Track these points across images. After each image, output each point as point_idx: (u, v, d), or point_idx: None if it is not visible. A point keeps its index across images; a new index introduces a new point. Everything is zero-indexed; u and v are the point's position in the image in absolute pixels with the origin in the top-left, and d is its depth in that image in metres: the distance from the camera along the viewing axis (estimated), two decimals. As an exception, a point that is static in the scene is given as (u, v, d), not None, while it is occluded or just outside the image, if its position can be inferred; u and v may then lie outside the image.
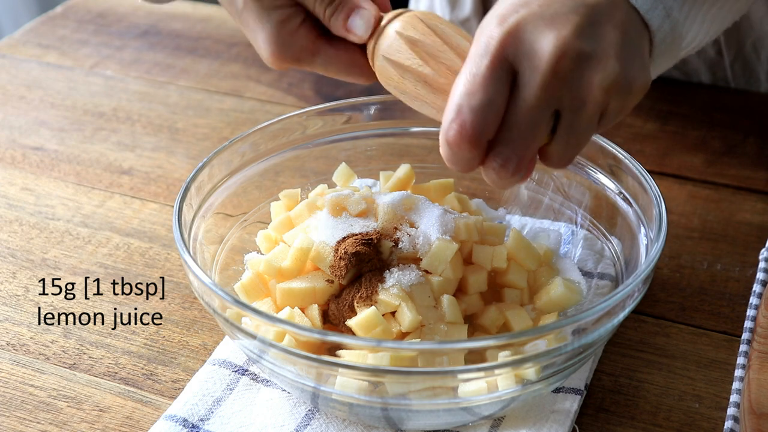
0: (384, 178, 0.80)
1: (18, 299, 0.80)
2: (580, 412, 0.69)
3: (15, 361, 0.74)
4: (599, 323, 0.63)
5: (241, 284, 0.72)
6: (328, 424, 0.67)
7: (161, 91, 1.09)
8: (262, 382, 0.71)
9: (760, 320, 0.72)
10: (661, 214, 0.69)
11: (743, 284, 0.80)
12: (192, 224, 0.72)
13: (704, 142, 0.98)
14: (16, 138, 1.01)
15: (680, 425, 0.68)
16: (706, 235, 0.86)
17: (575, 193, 0.79)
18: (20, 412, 0.70)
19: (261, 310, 0.67)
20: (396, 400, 0.64)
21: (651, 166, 0.93)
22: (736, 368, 0.71)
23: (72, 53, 1.17)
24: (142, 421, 0.69)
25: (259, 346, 0.64)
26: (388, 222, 0.72)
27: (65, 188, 0.93)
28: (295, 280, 0.70)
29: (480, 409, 0.65)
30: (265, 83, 1.10)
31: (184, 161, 0.97)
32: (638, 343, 0.75)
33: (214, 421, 0.68)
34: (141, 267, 0.83)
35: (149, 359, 0.74)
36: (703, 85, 1.08)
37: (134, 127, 1.03)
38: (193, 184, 0.73)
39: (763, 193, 0.91)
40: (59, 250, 0.85)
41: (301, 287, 0.70)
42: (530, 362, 0.62)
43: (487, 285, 0.71)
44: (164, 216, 0.89)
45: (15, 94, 1.09)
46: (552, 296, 0.72)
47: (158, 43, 1.19)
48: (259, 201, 0.80)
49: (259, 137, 0.79)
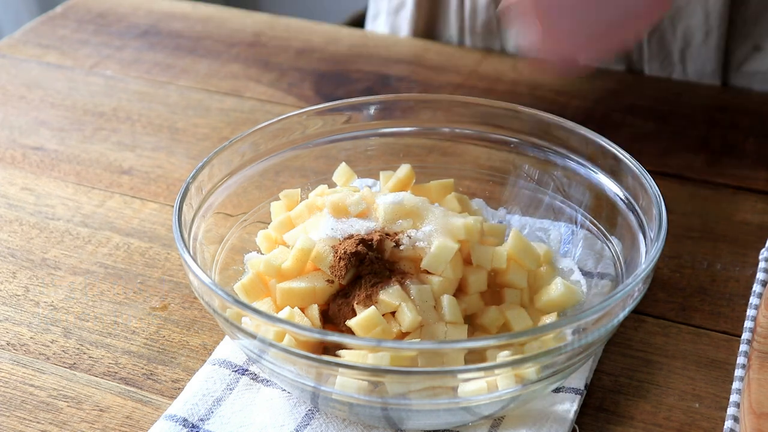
0: (384, 178, 0.80)
1: (18, 299, 0.80)
2: (580, 412, 0.69)
3: (15, 361, 0.74)
4: (599, 323, 0.63)
5: (241, 284, 0.72)
6: (328, 424, 0.67)
7: (161, 91, 1.09)
8: (262, 382, 0.71)
9: (760, 320, 0.72)
10: (661, 214, 0.69)
11: (743, 284, 0.80)
12: (192, 224, 0.72)
13: (704, 142, 0.98)
14: (16, 138, 1.01)
15: (680, 425, 0.68)
16: (706, 235, 0.86)
17: (575, 193, 0.79)
18: (20, 412, 0.70)
19: (261, 310, 0.67)
20: (396, 400, 0.64)
21: (651, 166, 0.92)
22: (736, 368, 0.71)
23: (72, 53, 1.17)
24: (142, 421, 0.69)
25: (259, 345, 0.64)
26: (389, 222, 0.72)
27: (65, 188, 0.93)
28: (295, 280, 0.70)
29: (480, 409, 0.65)
30: (265, 83, 1.10)
31: (184, 161, 0.97)
32: (638, 343, 0.75)
33: (214, 421, 0.68)
34: (141, 267, 0.83)
35: (149, 359, 0.74)
36: (703, 85, 1.08)
37: (134, 127, 1.03)
38: (193, 184, 0.73)
39: (763, 193, 0.91)
40: (59, 250, 0.85)
41: (301, 287, 0.70)
42: (530, 362, 0.62)
43: (486, 285, 0.71)
44: (164, 216, 0.89)
45: (15, 94, 1.09)
46: (552, 296, 0.72)
47: (158, 43, 1.19)
48: (259, 201, 0.80)
49: (259, 137, 0.79)
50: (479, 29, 1.15)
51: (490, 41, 1.16)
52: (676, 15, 1.06)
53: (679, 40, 1.08)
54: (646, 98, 1.06)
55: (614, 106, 1.04)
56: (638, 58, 1.11)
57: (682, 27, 1.07)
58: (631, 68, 1.12)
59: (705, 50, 1.07)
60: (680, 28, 1.07)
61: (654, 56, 1.10)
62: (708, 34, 1.06)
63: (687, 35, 1.07)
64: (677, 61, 1.09)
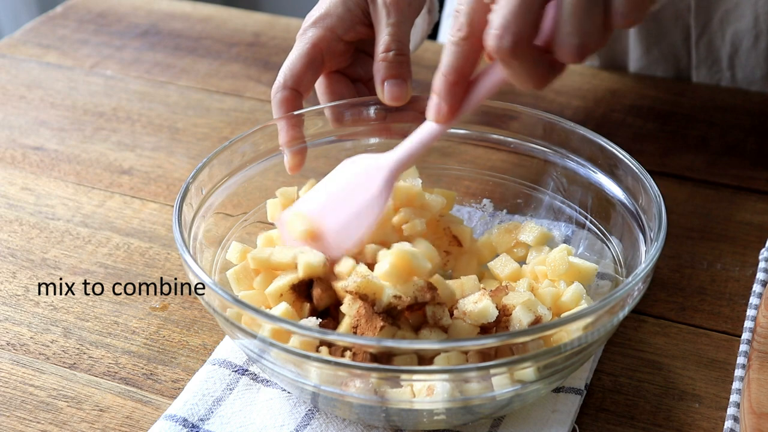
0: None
1: (18, 299, 0.80)
2: (580, 412, 0.69)
3: (15, 361, 0.74)
4: (599, 323, 0.63)
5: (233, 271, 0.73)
6: (328, 424, 0.67)
7: (161, 91, 1.09)
8: (262, 382, 0.71)
9: (760, 320, 0.72)
10: (661, 214, 0.69)
11: (743, 284, 0.80)
12: (192, 224, 0.72)
13: (704, 142, 0.98)
14: (16, 138, 1.01)
15: (680, 425, 0.68)
16: (706, 235, 0.86)
17: (575, 193, 0.79)
18: (20, 412, 0.70)
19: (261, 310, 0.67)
20: (396, 399, 0.64)
21: (651, 166, 0.93)
22: (736, 368, 0.71)
23: (72, 53, 1.17)
24: (142, 420, 0.69)
25: (259, 345, 0.64)
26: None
27: (65, 188, 0.93)
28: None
29: (480, 408, 0.65)
30: (265, 83, 1.10)
31: (184, 161, 0.97)
32: (638, 343, 0.75)
33: (214, 421, 0.68)
34: (141, 267, 0.83)
35: (149, 359, 0.74)
36: (703, 85, 1.08)
37: (134, 127, 1.03)
38: (193, 184, 0.73)
39: (763, 193, 0.91)
40: (59, 250, 0.85)
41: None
42: (530, 362, 0.62)
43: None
44: (164, 216, 0.89)
45: (15, 94, 1.09)
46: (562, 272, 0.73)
47: (158, 43, 1.19)
48: (259, 201, 0.80)
49: (259, 137, 0.79)
50: None
51: None
52: (725, 18, 1.03)
53: (727, 45, 1.04)
54: (647, 98, 1.06)
55: (614, 106, 1.04)
56: (686, 65, 1.08)
57: (731, 31, 1.04)
58: (680, 76, 1.09)
59: (755, 55, 1.05)
60: (729, 32, 1.04)
61: (702, 62, 1.07)
62: (758, 37, 1.03)
63: (735, 40, 1.04)
64: (726, 67, 1.06)
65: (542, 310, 0.68)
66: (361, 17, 0.79)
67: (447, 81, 0.67)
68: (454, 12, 0.66)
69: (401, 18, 0.78)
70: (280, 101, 0.78)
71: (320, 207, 0.73)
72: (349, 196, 0.73)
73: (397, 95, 0.77)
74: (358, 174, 0.73)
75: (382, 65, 0.77)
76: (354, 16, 0.79)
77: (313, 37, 0.78)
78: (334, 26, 0.79)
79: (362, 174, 0.73)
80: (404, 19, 0.78)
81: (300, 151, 0.79)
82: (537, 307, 0.68)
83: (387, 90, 0.77)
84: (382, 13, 0.78)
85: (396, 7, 0.78)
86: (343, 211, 0.72)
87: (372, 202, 0.71)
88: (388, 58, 0.77)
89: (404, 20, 0.78)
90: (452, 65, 0.66)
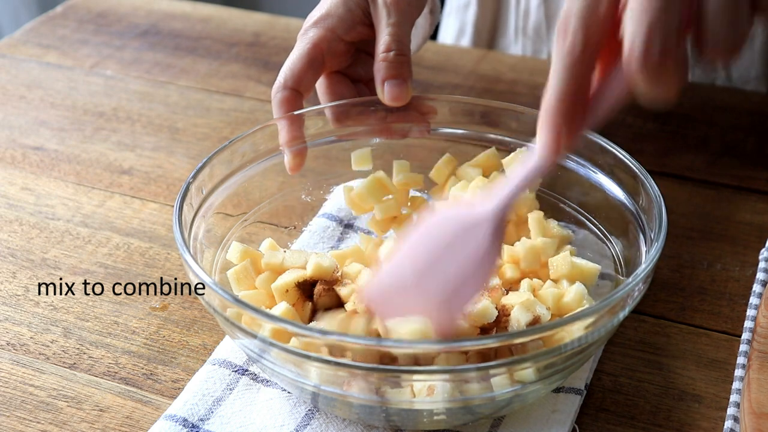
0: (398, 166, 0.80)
1: (18, 299, 0.80)
2: (580, 412, 0.69)
3: (15, 361, 0.74)
4: (599, 323, 0.63)
5: (233, 271, 0.73)
6: (328, 424, 0.67)
7: (161, 91, 1.09)
8: (262, 382, 0.71)
9: (760, 320, 0.72)
10: (661, 214, 0.69)
11: (743, 284, 0.80)
12: (192, 224, 0.72)
13: (704, 142, 0.98)
14: (16, 138, 1.01)
15: (680, 425, 0.68)
16: (706, 235, 0.86)
17: (575, 193, 0.79)
18: (20, 412, 0.70)
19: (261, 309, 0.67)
20: (396, 399, 0.64)
21: (651, 166, 0.92)
22: (736, 368, 0.71)
23: (72, 53, 1.17)
24: (142, 421, 0.69)
25: (260, 345, 0.64)
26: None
27: (65, 188, 0.93)
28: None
29: (480, 408, 0.65)
30: (265, 83, 1.10)
31: (184, 161, 0.97)
32: (638, 343, 0.75)
33: (214, 421, 0.68)
34: (141, 267, 0.83)
35: (149, 359, 0.74)
36: (703, 85, 1.08)
37: (134, 127, 1.03)
38: (193, 184, 0.73)
39: (763, 193, 0.91)
40: (59, 250, 0.85)
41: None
42: (530, 362, 0.62)
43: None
44: (164, 216, 0.89)
45: (15, 94, 1.09)
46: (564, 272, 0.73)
47: (158, 43, 1.19)
48: (259, 201, 0.80)
49: (259, 137, 0.79)
50: (530, 32, 1.15)
51: (539, 45, 1.16)
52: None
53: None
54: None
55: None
56: None
57: None
58: None
59: (749, 54, 1.05)
60: None
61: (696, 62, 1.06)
62: (752, 37, 1.03)
63: None
64: (720, 66, 1.05)
65: (541, 309, 0.68)
66: (362, 17, 0.79)
67: (563, 108, 0.59)
68: (560, 25, 0.58)
69: (402, 18, 0.78)
70: (280, 101, 0.78)
71: (416, 276, 0.65)
72: (450, 258, 0.64)
73: (398, 95, 0.77)
74: (455, 233, 0.64)
75: (383, 65, 0.77)
76: (355, 16, 0.79)
77: (314, 38, 0.79)
78: (335, 26, 0.79)
79: (460, 233, 0.64)
80: (405, 19, 0.78)
81: (300, 151, 0.79)
82: (536, 307, 0.68)
83: (387, 90, 0.77)
84: (382, 13, 0.78)
85: (396, 7, 0.78)
86: (446, 277, 0.64)
87: (481, 262, 0.64)
88: (388, 58, 0.77)
89: (405, 20, 0.78)
90: (568, 90, 0.59)
